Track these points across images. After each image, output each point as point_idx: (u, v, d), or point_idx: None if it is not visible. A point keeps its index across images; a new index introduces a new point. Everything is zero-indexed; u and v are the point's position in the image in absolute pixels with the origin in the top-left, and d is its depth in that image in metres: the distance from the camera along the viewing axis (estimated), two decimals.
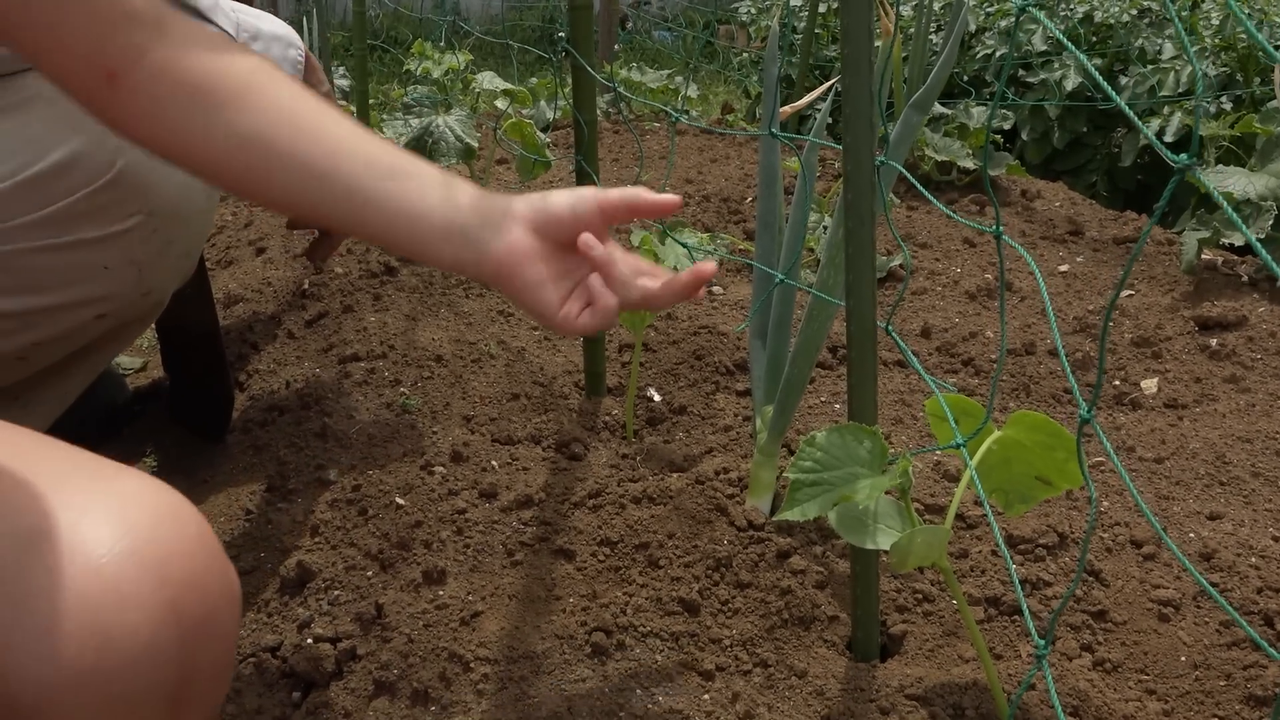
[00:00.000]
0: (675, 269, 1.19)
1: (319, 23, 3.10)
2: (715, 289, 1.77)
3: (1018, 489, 0.74)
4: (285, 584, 0.98)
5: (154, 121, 0.65)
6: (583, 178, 1.25)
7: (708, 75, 5.39)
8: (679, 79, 3.43)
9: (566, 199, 0.72)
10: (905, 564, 0.69)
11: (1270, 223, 1.68)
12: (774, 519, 0.98)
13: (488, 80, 1.78)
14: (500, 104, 1.84)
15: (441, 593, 0.93)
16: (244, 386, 1.49)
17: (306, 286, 1.65)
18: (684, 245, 1.11)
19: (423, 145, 1.64)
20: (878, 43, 3.04)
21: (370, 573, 0.97)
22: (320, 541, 1.03)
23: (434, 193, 0.70)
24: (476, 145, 1.66)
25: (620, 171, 2.59)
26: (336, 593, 0.96)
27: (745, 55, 4.12)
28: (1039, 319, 1.65)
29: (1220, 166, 1.83)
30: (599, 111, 3.43)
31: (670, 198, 0.72)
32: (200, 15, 0.88)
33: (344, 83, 3.36)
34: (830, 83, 1.88)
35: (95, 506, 0.51)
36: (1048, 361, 1.49)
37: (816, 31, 3.37)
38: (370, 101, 2.36)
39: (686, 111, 3.45)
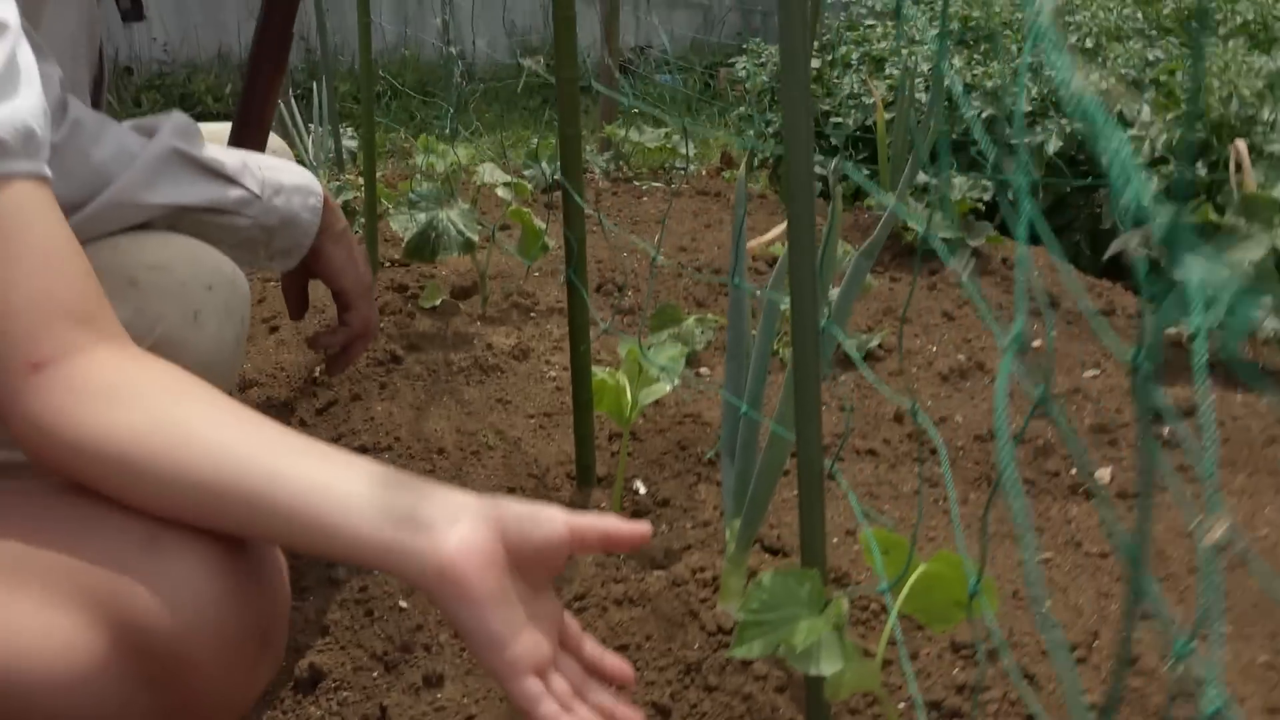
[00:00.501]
0: (658, 377, 1.30)
1: (326, 74, 3.22)
2: (703, 370, 1.88)
3: (939, 612, 0.84)
4: (299, 684, 1.09)
5: (62, 414, 0.64)
6: (573, 291, 1.35)
7: (707, 119, 5.51)
8: (676, 138, 3.55)
9: (532, 515, 0.64)
10: (839, 694, 0.78)
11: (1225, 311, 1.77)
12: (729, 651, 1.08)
13: (489, 173, 1.89)
14: (501, 193, 1.95)
15: (439, 695, 1.03)
16: None
17: (317, 374, 1.76)
18: (662, 367, 1.21)
19: (426, 239, 1.76)
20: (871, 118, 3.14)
21: (375, 674, 1.08)
22: (330, 642, 1.13)
23: (361, 484, 0.63)
24: (477, 239, 1.77)
25: (617, 237, 2.70)
26: (345, 694, 1.06)
27: (743, 107, 4.25)
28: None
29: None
30: (599, 170, 3.55)
31: (641, 529, 0.67)
32: (229, 179, 0.99)
33: (351, 143, 3.48)
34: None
35: (187, 534, 0.66)
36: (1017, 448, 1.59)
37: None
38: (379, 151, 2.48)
39: (684, 168, 3.56)
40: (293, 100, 3.34)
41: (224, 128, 1.33)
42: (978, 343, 1.99)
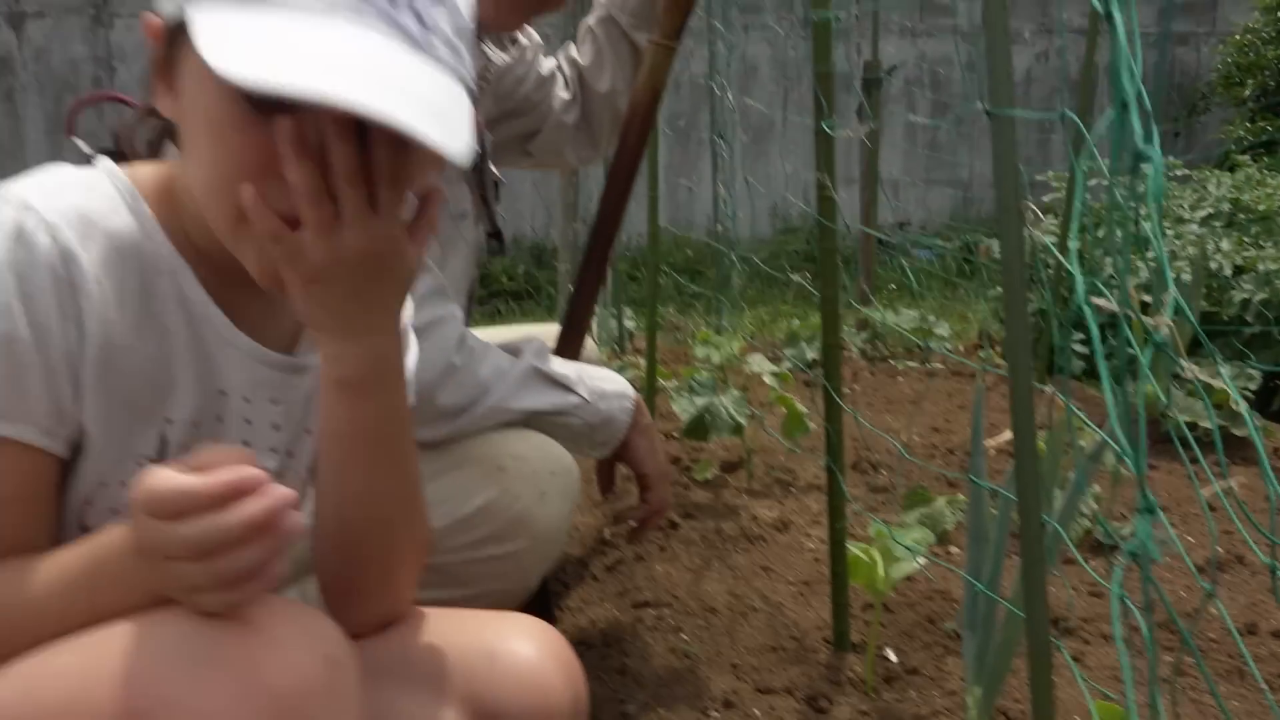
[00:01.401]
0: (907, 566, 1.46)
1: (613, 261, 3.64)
2: (954, 549, 2.00)
3: None
4: None
5: None
6: (832, 476, 1.56)
7: (966, 294, 5.62)
8: (932, 318, 3.71)
9: None
10: None
11: None
12: None
13: (758, 363, 2.16)
14: (767, 379, 2.21)
15: None
16: (557, 620, 1.86)
17: (607, 535, 2.04)
18: (908, 548, 1.38)
19: (702, 421, 2.03)
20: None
21: None
22: None
23: None
24: (746, 423, 2.02)
25: (873, 416, 2.87)
26: None
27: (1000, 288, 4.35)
28: (1266, 597, 1.76)
29: None
30: (855, 349, 3.76)
31: None
32: (569, 389, 1.29)
33: (630, 324, 3.89)
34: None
35: (516, 632, 0.87)
36: (1269, 643, 1.61)
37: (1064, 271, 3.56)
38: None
39: (940, 349, 3.71)
40: None
41: (549, 329, 1.66)
42: (1238, 535, 2.00)
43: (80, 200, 0.76)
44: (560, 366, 1.30)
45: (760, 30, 5.61)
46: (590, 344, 1.73)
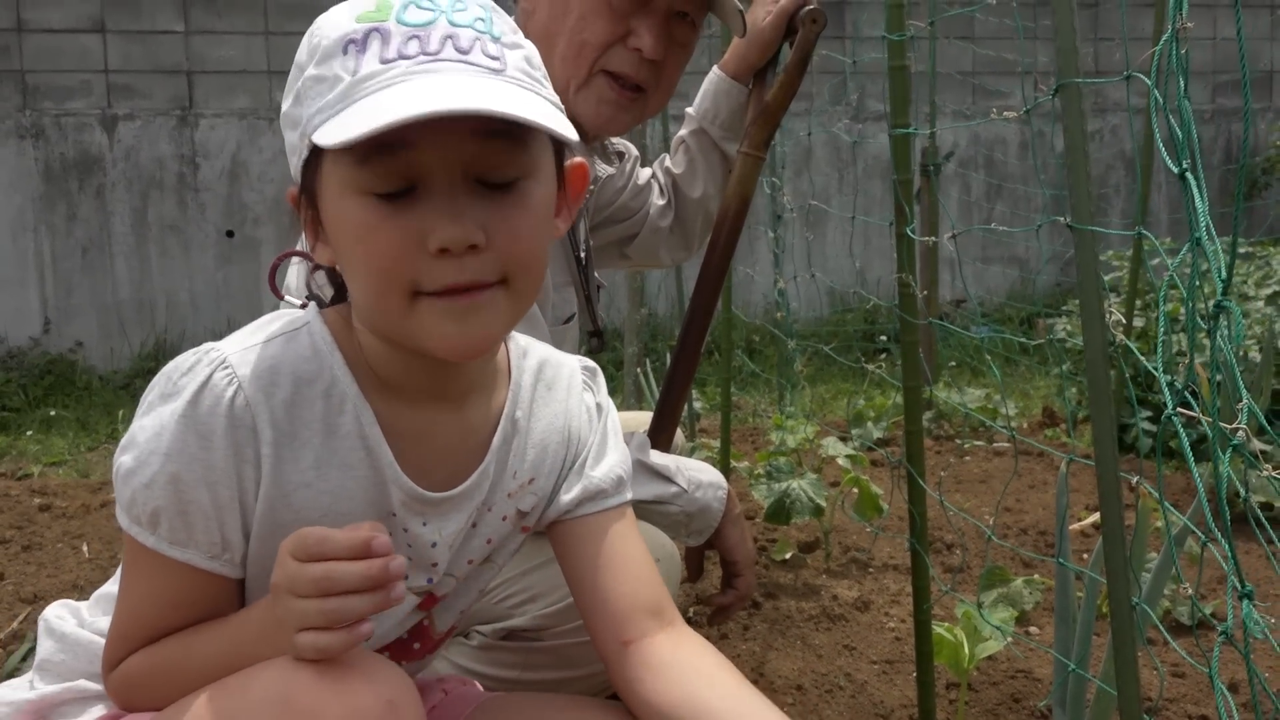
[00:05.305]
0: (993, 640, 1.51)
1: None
2: (1033, 629, 2.04)
3: None
4: None
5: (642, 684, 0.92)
6: (916, 557, 1.61)
7: (1027, 369, 5.63)
8: (996, 397, 3.75)
9: None
10: None
11: None
12: None
13: (831, 446, 2.23)
14: (841, 461, 2.27)
15: None
16: None
17: (691, 614, 2.10)
18: (997, 628, 1.43)
19: (782, 505, 2.09)
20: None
21: None
22: None
23: None
24: (825, 505, 2.09)
25: (943, 496, 2.91)
26: None
27: (1066, 365, 4.39)
28: None
29: None
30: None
31: None
32: (668, 479, 1.37)
33: (698, 404, 3.98)
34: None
35: None
36: None
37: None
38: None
39: (1006, 427, 3.74)
40: (649, 369, 3.90)
41: (640, 416, 1.75)
42: None
43: (275, 351, 0.85)
44: (659, 458, 1.39)
45: (817, 116, 5.77)
46: (679, 433, 1.82)
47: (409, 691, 0.80)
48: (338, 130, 0.75)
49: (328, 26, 0.80)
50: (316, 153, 0.79)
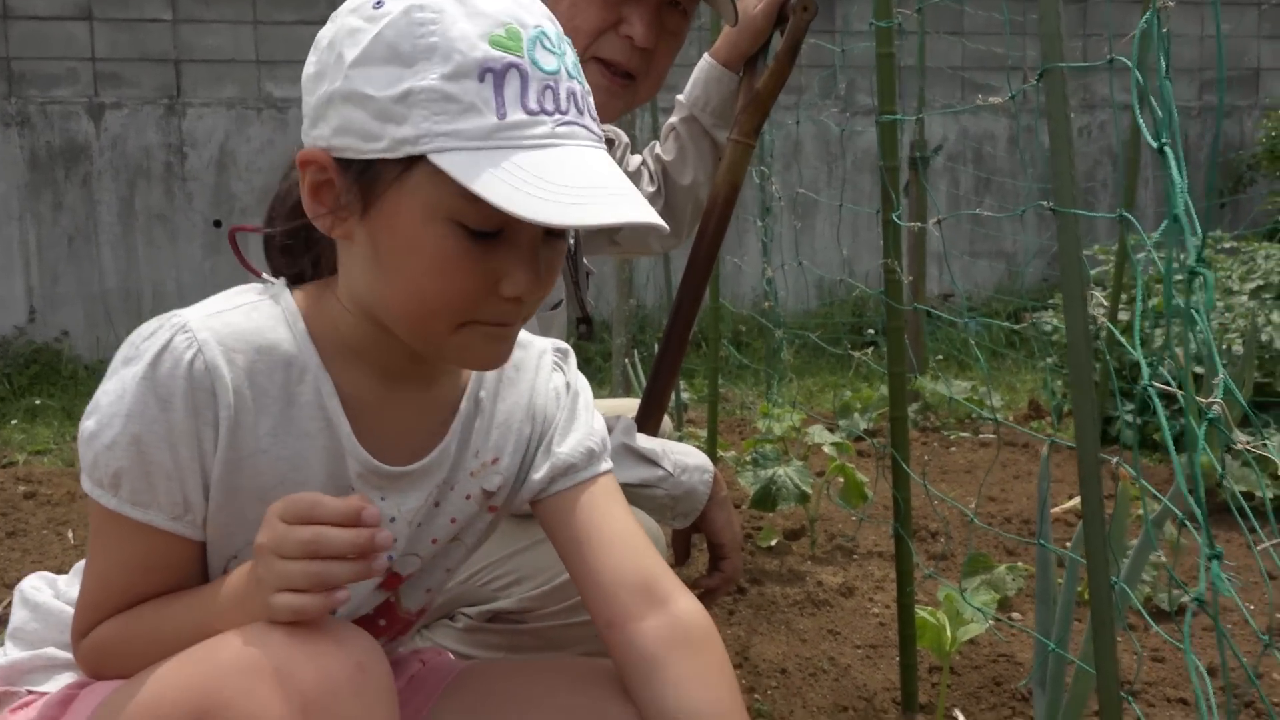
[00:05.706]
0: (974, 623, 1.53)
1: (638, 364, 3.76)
2: (1015, 614, 2.06)
3: None
4: None
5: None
6: (900, 542, 1.63)
7: (1014, 363, 5.67)
8: (982, 389, 3.78)
9: None
10: None
11: None
12: None
13: (817, 434, 2.25)
14: (827, 449, 2.29)
15: None
16: None
17: None
18: (979, 610, 1.45)
19: (768, 492, 2.11)
20: None
21: None
22: None
23: None
24: (810, 492, 2.11)
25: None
26: None
27: (1052, 358, 4.41)
28: None
29: None
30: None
31: None
32: (654, 463, 1.38)
33: (685, 396, 3.99)
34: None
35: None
36: None
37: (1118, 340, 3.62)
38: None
39: (992, 419, 3.76)
40: (637, 359, 3.92)
41: (629, 404, 1.76)
42: None
43: (238, 319, 0.86)
44: (645, 442, 1.40)
45: (805, 109, 5.78)
46: (666, 420, 1.83)
47: (377, 655, 0.82)
48: (500, 187, 0.75)
49: (455, 35, 0.78)
50: (411, 160, 0.79)
